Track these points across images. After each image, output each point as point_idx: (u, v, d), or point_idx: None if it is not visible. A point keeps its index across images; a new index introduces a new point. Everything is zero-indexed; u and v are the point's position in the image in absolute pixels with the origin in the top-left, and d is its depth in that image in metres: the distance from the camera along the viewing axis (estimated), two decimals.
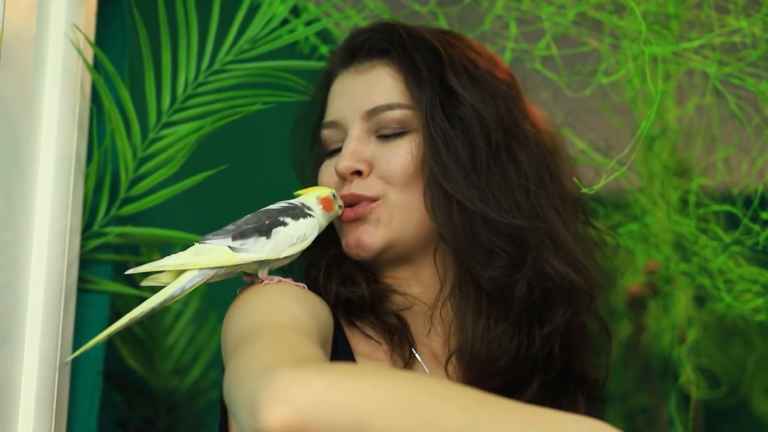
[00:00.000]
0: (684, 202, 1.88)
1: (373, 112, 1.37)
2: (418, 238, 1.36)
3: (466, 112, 1.36)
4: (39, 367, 1.33)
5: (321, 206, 1.31)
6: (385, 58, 1.41)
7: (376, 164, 1.36)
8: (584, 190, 1.43)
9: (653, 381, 2.09)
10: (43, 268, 1.36)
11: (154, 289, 1.65)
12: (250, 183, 1.64)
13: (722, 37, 1.69)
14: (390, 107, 1.37)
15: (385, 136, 1.38)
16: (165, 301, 1.24)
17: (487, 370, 1.33)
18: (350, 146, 1.37)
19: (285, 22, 1.53)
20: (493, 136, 1.36)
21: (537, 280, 1.34)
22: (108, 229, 1.48)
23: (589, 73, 1.87)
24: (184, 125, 1.49)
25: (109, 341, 1.50)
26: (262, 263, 1.26)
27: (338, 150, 1.40)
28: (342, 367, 0.98)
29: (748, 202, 1.72)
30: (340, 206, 1.34)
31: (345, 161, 1.36)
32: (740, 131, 1.80)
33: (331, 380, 0.93)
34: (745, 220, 1.69)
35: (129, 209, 1.49)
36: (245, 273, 1.28)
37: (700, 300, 2.04)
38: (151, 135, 1.48)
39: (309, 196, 1.32)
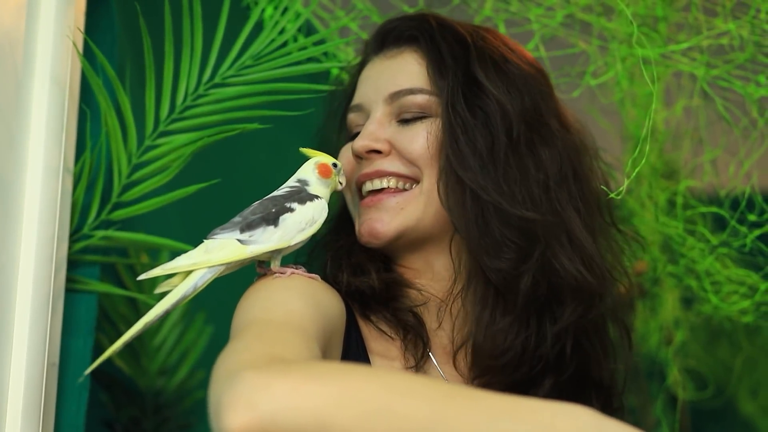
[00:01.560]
0: (671, 203, 1.89)
1: (395, 96, 1.38)
2: (433, 228, 1.36)
3: (489, 103, 1.36)
4: (27, 367, 1.33)
5: (317, 171, 1.30)
6: (414, 45, 1.42)
7: (398, 145, 1.37)
8: (611, 195, 1.42)
9: (640, 382, 2.08)
10: (30, 269, 1.36)
11: (143, 288, 1.66)
12: (242, 196, 1.65)
13: (710, 40, 1.70)
14: (412, 91, 1.38)
15: (406, 119, 1.38)
16: (178, 302, 1.22)
17: (493, 365, 1.32)
18: (369, 127, 1.38)
19: (286, 44, 1.52)
20: (515, 129, 1.36)
21: (543, 274, 1.33)
22: (95, 232, 1.48)
23: (577, 75, 1.88)
24: (180, 135, 1.48)
25: (97, 341, 1.49)
26: (274, 252, 1.25)
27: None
28: (308, 368, 0.98)
29: (735, 203, 1.72)
30: (341, 182, 1.34)
31: (361, 140, 1.37)
32: (728, 133, 1.81)
33: (293, 383, 0.93)
34: (733, 222, 1.71)
35: (120, 214, 1.48)
36: (258, 262, 1.28)
37: (688, 301, 2.04)
38: (147, 142, 1.48)
39: (307, 165, 1.31)
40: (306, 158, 1.33)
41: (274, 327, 1.11)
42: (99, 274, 1.50)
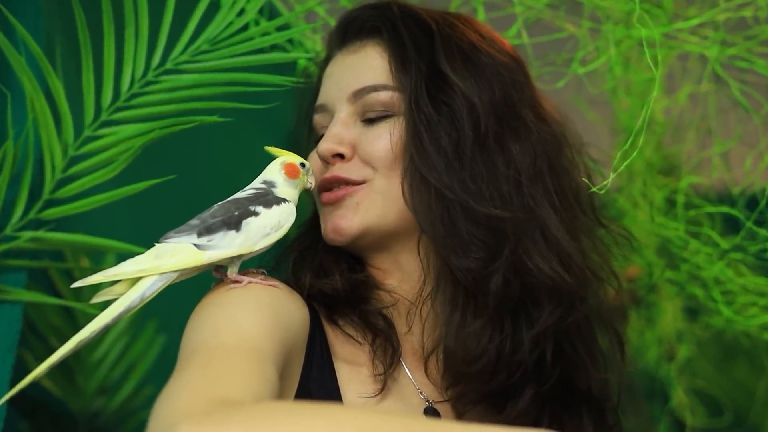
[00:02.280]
0: (670, 202, 1.84)
1: (358, 94, 1.36)
2: (398, 227, 1.34)
3: (455, 97, 1.34)
4: None
5: (283, 172, 1.27)
6: (376, 37, 1.40)
7: (359, 147, 1.35)
8: (594, 189, 1.39)
9: (638, 401, 2.06)
10: None
11: (81, 296, 1.59)
12: (201, 194, 1.62)
13: (728, 13, 1.65)
14: (375, 89, 1.36)
15: (370, 119, 1.36)
16: (121, 315, 1.17)
17: (466, 372, 1.29)
18: (333, 129, 1.36)
19: (246, 27, 1.48)
20: (483, 124, 1.33)
21: (515, 273, 1.30)
22: (21, 233, 1.41)
23: (563, 63, 1.81)
24: (127, 126, 1.43)
25: (20, 359, 1.43)
26: (234, 258, 1.21)
27: None
28: (250, 415, 0.95)
29: (752, 203, 1.68)
30: (310, 182, 1.31)
31: (325, 144, 1.35)
32: (744, 122, 1.76)
33: None
34: (749, 224, 1.64)
35: (53, 212, 1.42)
36: (216, 267, 1.23)
37: (692, 312, 2.00)
38: (87, 132, 1.42)
39: (273, 165, 1.28)
40: (273, 157, 1.31)
41: (223, 353, 1.09)
42: (25, 281, 1.43)
